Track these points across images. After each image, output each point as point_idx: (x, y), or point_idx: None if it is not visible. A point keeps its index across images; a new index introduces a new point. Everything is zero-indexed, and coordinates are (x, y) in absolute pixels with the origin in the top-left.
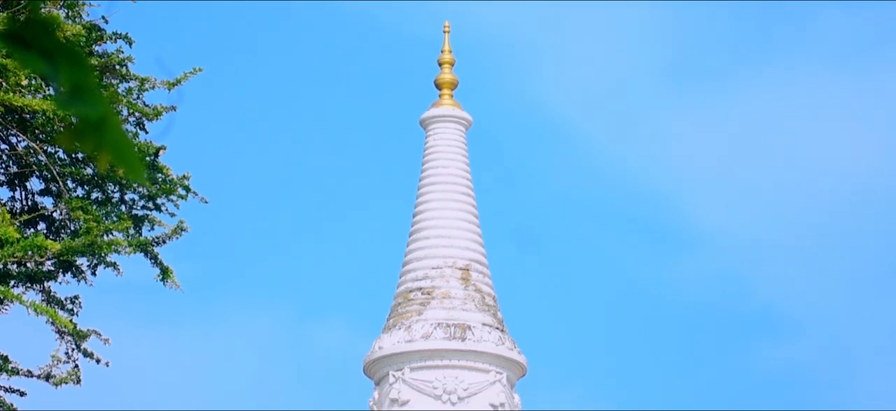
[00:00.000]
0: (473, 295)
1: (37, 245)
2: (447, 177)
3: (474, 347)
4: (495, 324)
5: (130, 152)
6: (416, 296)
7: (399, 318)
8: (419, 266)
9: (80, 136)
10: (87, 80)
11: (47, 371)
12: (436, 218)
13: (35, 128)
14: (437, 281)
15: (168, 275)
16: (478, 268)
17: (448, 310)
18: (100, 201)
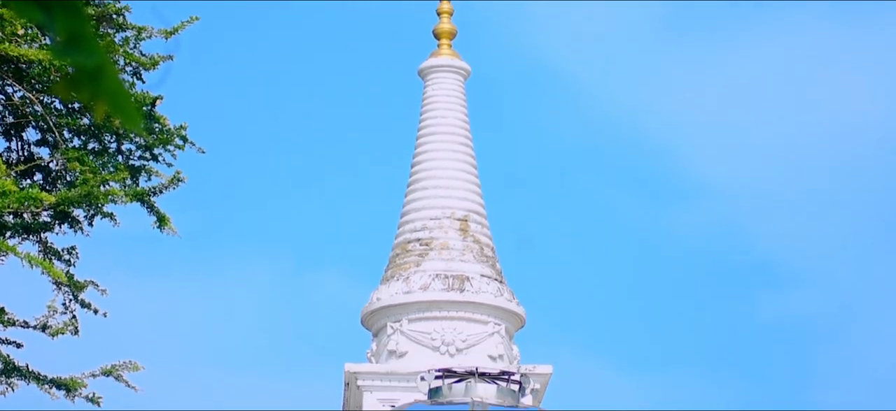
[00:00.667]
0: (472, 246)
1: (32, 196)
2: (445, 128)
3: (473, 298)
4: (494, 276)
5: (127, 101)
6: (414, 247)
7: (397, 269)
8: (417, 217)
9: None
10: (83, 29)
11: (44, 321)
12: (434, 168)
13: (31, 77)
14: (436, 232)
15: (165, 223)
16: (476, 218)
17: (446, 262)
18: (96, 151)
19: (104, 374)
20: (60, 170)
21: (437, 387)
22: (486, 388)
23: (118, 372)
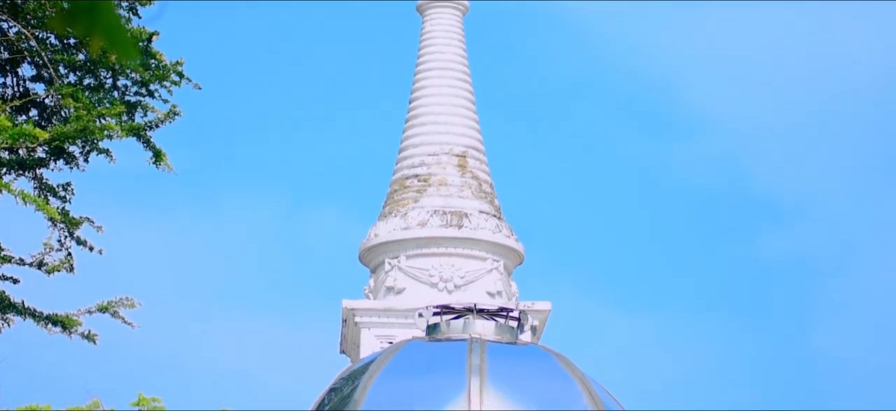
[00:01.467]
0: (470, 182)
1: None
2: (443, 63)
3: (471, 235)
4: (492, 212)
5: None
6: (412, 183)
7: (395, 206)
8: (415, 153)
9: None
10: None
11: (40, 258)
12: (432, 104)
13: (26, 13)
14: (434, 168)
15: (161, 158)
16: (475, 154)
17: (445, 198)
18: (92, 87)
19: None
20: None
21: (435, 324)
22: (484, 325)
23: (115, 308)
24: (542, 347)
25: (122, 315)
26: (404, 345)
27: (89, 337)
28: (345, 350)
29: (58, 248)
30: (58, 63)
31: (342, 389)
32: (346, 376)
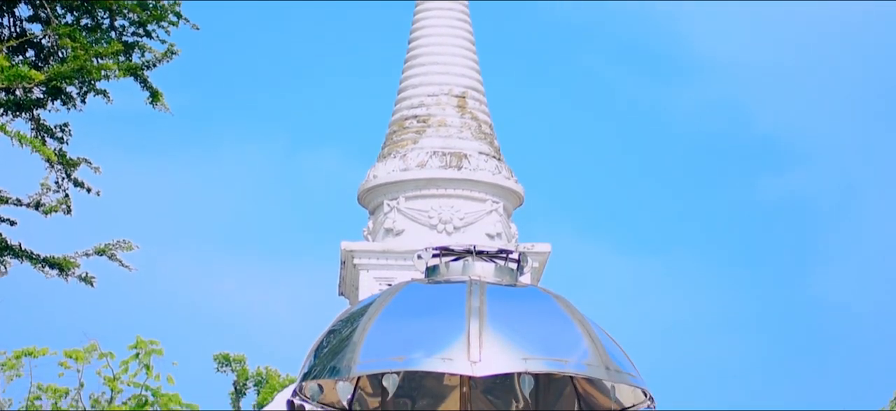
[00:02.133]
0: (469, 123)
1: (23, 74)
2: (443, 4)
3: (470, 176)
4: (492, 153)
5: None
6: (411, 124)
7: (394, 147)
8: (414, 93)
9: None
10: None
11: (37, 199)
12: (432, 44)
13: None
14: (433, 108)
15: (158, 98)
16: (474, 95)
17: (444, 139)
18: (89, 28)
19: (97, 253)
20: (52, 47)
21: (434, 266)
22: (483, 267)
23: (112, 251)
24: (542, 289)
25: (119, 258)
26: (403, 287)
27: (87, 280)
28: (343, 292)
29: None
30: (55, 3)
31: (341, 331)
32: (345, 318)
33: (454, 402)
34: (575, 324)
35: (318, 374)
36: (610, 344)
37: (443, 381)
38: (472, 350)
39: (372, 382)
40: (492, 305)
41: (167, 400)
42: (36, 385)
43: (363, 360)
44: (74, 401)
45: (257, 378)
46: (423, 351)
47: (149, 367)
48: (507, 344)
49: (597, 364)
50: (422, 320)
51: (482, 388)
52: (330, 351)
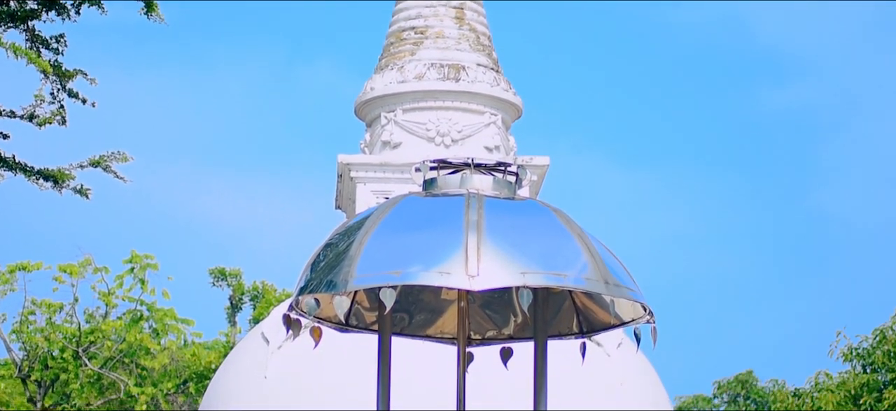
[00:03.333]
0: (468, 34)
1: None
2: None
3: (468, 88)
4: (490, 65)
5: None
6: (408, 35)
7: (391, 59)
8: (412, 5)
9: None
10: None
11: (31, 111)
12: None
13: None
14: (431, 20)
15: (152, 8)
16: (472, 6)
17: (442, 50)
18: None
19: (92, 165)
20: None
21: (432, 179)
22: (481, 180)
23: (107, 163)
24: (541, 202)
25: (114, 169)
26: (400, 201)
27: (82, 192)
28: (340, 205)
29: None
30: None
31: (338, 244)
32: (342, 231)
33: (452, 317)
34: (574, 238)
35: (314, 289)
36: (609, 259)
37: (440, 296)
38: (469, 264)
39: (369, 297)
40: (490, 219)
41: (162, 314)
42: (30, 300)
43: (360, 275)
44: (69, 316)
45: (253, 293)
46: (421, 265)
47: (144, 282)
48: (506, 259)
49: (596, 278)
50: (419, 234)
51: (480, 303)
52: (326, 266)
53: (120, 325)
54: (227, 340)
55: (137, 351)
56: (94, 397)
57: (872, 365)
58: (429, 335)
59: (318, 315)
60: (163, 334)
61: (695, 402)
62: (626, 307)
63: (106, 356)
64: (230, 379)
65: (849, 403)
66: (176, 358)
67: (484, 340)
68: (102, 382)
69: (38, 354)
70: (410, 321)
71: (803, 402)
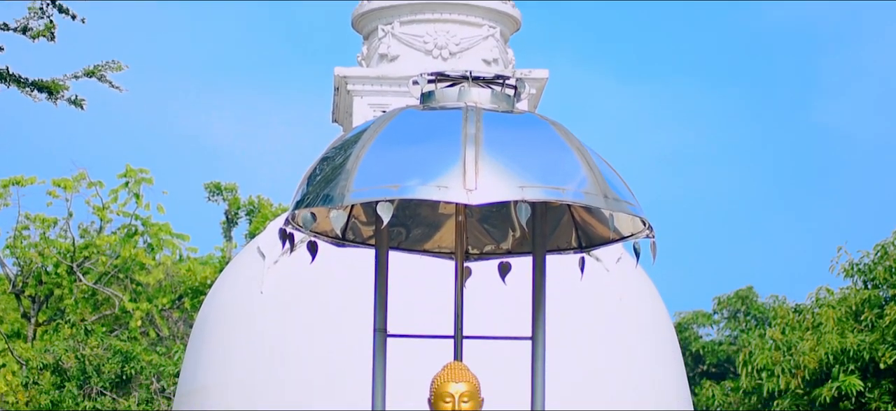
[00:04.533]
0: None
1: None
2: None
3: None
4: None
5: None
6: None
7: None
8: None
9: None
10: None
11: (24, 23)
12: None
13: None
14: None
15: None
16: None
17: None
18: None
19: (87, 75)
20: None
21: (430, 92)
22: (479, 93)
23: (101, 72)
24: (539, 116)
25: (109, 79)
26: (398, 114)
27: (76, 103)
28: (337, 119)
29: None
30: None
31: (334, 158)
32: (339, 145)
33: (449, 231)
34: (573, 152)
35: (310, 202)
36: (608, 173)
37: (438, 210)
38: (467, 178)
39: (366, 211)
40: (488, 132)
41: (157, 229)
42: (24, 214)
43: (357, 188)
44: (63, 231)
45: (249, 207)
46: (419, 178)
47: (138, 196)
48: (504, 172)
49: (595, 192)
50: (417, 147)
51: (478, 217)
52: (323, 179)
53: (114, 240)
54: (223, 255)
55: (132, 267)
56: (89, 313)
57: (874, 281)
58: (426, 250)
59: (314, 229)
60: (158, 249)
61: (694, 318)
62: (625, 222)
63: (100, 271)
64: (226, 295)
65: (850, 319)
66: (171, 273)
67: (482, 255)
68: (97, 298)
69: (32, 269)
70: (408, 235)
71: (804, 318)
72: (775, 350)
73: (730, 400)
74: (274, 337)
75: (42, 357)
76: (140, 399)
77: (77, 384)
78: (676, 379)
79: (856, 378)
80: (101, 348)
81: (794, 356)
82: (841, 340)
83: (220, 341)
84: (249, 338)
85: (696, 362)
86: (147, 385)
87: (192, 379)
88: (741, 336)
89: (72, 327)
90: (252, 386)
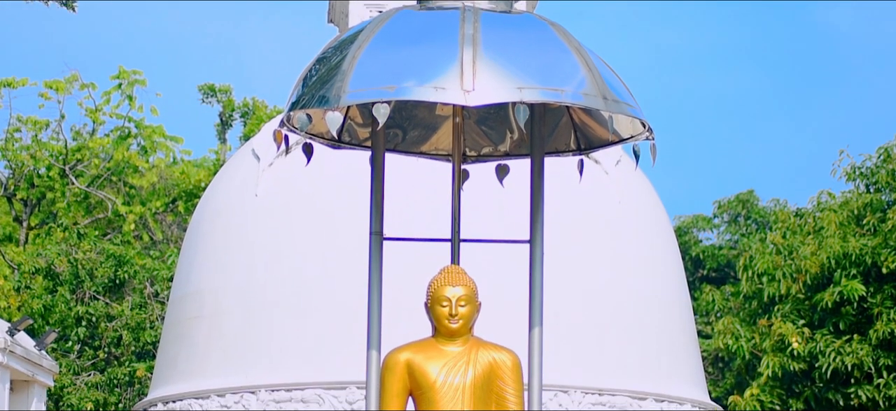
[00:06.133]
0: None
1: None
2: None
3: None
4: None
5: None
6: None
7: None
8: None
9: None
10: None
11: None
12: None
13: None
14: None
15: None
16: None
17: None
18: None
19: None
20: None
21: None
22: None
23: None
24: (538, 17)
25: None
26: (394, 14)
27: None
28: (333, 19)
29: None
30: None
31: (330, 59)
32: (335, 46)
33: (447, 133)
34: (572, 53)
35: (306, 104)
36: (607, 74)
37: (435, 111)
38: (465, 79)
39: (362, 112)
40: (486, 32)
41: (151, 131)
42: (15, 117)
43: (353, 89)
44: (55, 133)
45: (244, 109)
46: (415, 79)
47: (132, 98)
48: (502, 73)
49: (594, 94)
50: (414, 48)
51: (476, 119)
52: (319, 80)
53: (107, 143)
54: (217, 158)
55: (125, 170)
56: (82, 216)
57: (876, 185)
58: (423, 151)
59: (309, 131)
60: (151, 152)
61: (694, 222)
62: (624, 123)
63: (93, 174)
64: (220, 198)
65: (851, 223)
66: (164, 176)
67: (479, 157)
68: (89, 201)
69: (24, 172)
70: (404, 137)
71: (805, 222)
72: (776, 254)
73: (730, 304)
74: (268, 240)
75: (34, 261)
76: (133, 303)
77: (70, 288)
78: (676, 282)
79: (858, 282)
80: (93, 252)
81: (796, 260)
82: (843, 244)
83: (215, 244)
84: (244, 241)
85: (695, 266)
86: (140, 289)
87: (185, 283)
88: (742, 240)
89: (64, 231)
90: (246, 289)
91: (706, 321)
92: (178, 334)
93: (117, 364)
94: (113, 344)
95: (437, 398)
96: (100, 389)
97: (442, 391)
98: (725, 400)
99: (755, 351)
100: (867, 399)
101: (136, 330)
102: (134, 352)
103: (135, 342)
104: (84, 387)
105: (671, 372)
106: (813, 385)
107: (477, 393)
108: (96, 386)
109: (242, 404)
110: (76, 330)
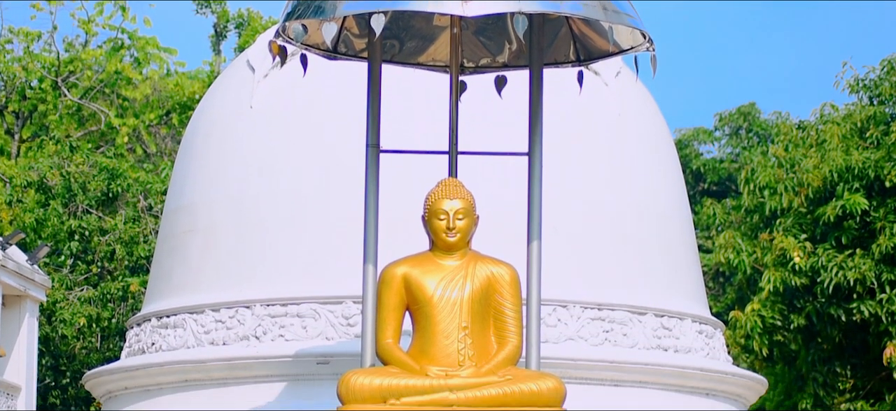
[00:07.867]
0: None
1: None
2: None
3: None
4: None
5: None
6: None
7: None
8: None
9: None
10: None
11: None
12: None
13: None
14: None
15: None
16: None
17: None
18: None
19: None
20: None
21: None
22: None
23: None
24: None
25: None
26: None
27: None
28: None
29: None
30: None
31: None
32: None
33: (444, 44)
34: None
35: (302, 14)
36: None
37: (432, 22)
38: None
39: (358, 23)
40: None
41: (144, 43)
42: (6, 28)
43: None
44: (47, 44)
45: (238, 20)
46: None
47: (125, 9)
48: None
49: (594, 4)
50: None
51: (473, 29)
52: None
53: (100, 54)
54: (211, 69)
55: (118, 82)
56: (74, 129)
57: (879, 97)
58: (420, 63)
59: (305, 42)
60: (144, 63)
61: (695, 135)
62: (624, 34)
63: (86, 86)
64: (214, 110)
65: (854, 136)
66: (158, 88)
67: (477, 68)
68: (82, 113)
69: (16, 84)
70: (401, 48)
71: (807, 135)
72: (778, 167)
73: (731, 218)
74: (263, 152)
75: (26, 174)
76: (126, 217)
77: (62, 202)
78: (676, 196)
79: (860, 196)
80: (86, 165)
81: (798, 174)
82: (845, 157)
83: (209, 157)
84: (238, 154)
85: (696, 180)
86: (134, 202)
87: (179, 196)
88: (743, 153)
89: (57, 143)
90: (240, 202)
91: (707, 235)
92: (172, 248)
93: (111, 278)
94: (106, 259)
95: (434, 312)
96: (93, 304)
97: (439, 305)
98: (726, 315)
99: (756, 265)
100: (870, 314)
101: (130, 244)
102: (127, 267)
103: (128, 256)
104: (77, 303)
105: (671, 287)
106: (815, 300)
107: (475, 307)
108: (89, 301)
109: (237, 319)
110: (69, 245)
